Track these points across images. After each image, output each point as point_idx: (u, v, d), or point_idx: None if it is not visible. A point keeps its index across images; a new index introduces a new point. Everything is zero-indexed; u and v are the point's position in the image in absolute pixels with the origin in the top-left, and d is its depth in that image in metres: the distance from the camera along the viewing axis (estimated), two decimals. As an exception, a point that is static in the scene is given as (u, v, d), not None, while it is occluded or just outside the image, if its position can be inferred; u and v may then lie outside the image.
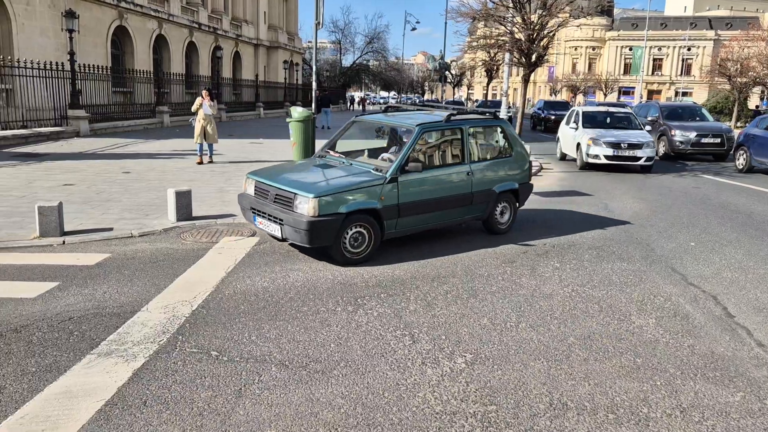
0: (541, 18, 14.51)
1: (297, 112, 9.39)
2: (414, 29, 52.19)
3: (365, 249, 6.56)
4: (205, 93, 13.97)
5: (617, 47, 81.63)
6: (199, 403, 3.70)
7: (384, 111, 8.71)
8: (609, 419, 3.67)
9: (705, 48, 75.18)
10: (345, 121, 9.04)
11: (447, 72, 45.41)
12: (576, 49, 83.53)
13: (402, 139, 7.64)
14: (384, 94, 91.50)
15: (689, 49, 76.05)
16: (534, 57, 14.77)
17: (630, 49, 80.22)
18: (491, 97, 38.88)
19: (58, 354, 4.31)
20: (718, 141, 18.13)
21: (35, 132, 17.82)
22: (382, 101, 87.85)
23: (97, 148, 16.79)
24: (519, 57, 15.00)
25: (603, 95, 70.44)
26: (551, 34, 15.10)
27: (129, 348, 4.42)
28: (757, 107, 47.14)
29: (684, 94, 72.04)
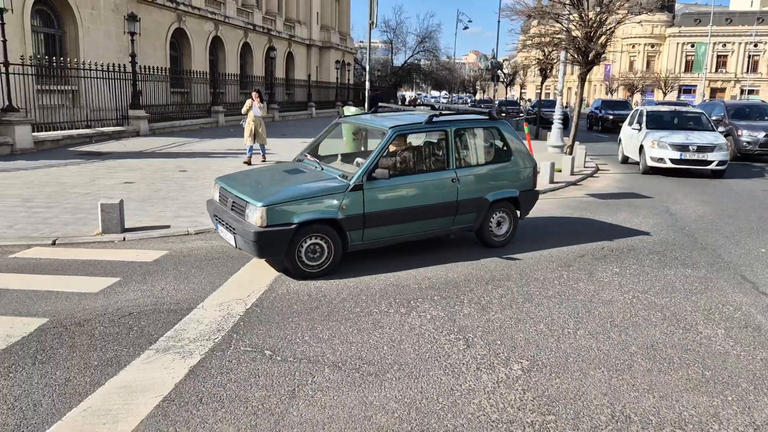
0: (599, 15, 14.10)
1: (349, 111, 9.40)
2: (466, 28, 51.79)
3: (324, 262, 6.00)
4: (255, 95, 14.19)
5: (678, 44, 78.86)
6: (253, 403, 3.72)
7: (373, 111, 8.10)
8: (676, 435, 3.49)
9: (773, 44, 71.77)
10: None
11: (499, 71, 44.84)
12: (634, 47, 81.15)
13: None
14: (435, 93, 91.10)
15: (756, 45, 72.75)
16: (591, 55, 14.34)
17: (692, 46, 77.37)
18: (544, 97, 38.13)
19: (118, 348, 4.41)
20: (789, 142, 17.17)
21: (98, 131, 18.49)
22: (433, 101, 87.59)
23: (156, 147, 17.28)
24: (576, 55, 14.62)
25: (662, 94, 68.15)
26: (610, 31, 14.64)
27: (185, 345, 4.48)
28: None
29: (750, 92, 68.96)
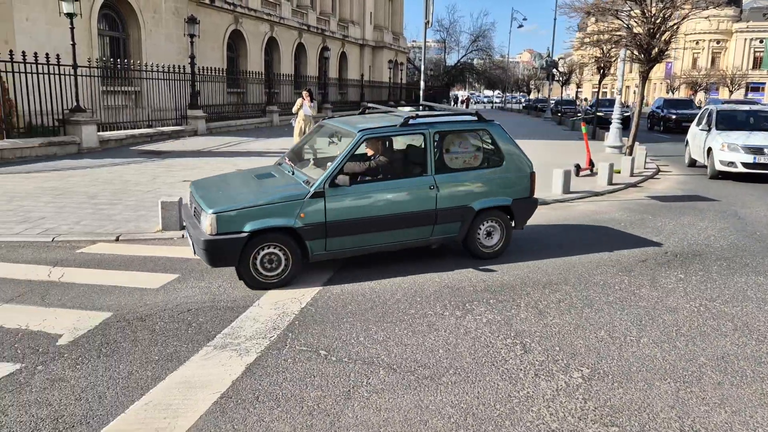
0: (663, 10, 13.57)
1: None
2: (521, 26, 51.05)
3: (282, 272, 5.70)
4: (306, 94, 14.16)
5: (745, 40, 75.35)
6: (309, 402, 3.72)
7: (361, 112, 7.71)
8: (750, 453, 3.30)
9: None
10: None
11: (554, 70, 43.97)
12: (697, 43, 78.04)
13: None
14: (488, 93, 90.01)
15: (831, 40, 68.83)
16: (654, 53, 13.82)
17: (761, 42, 73.83)
18: (602, 96, 37.14)
19: (178, 344, 4.50)
20: None
21: (159, 131, 19.07)
22: (486, 100, 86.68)
23: (212, 146, 17.69)
24: (637, 53, 14.12)
25: (728, 92, 65.33)
26: (674, 27, 14.07)
27: (242, 342, 4.54)
28: None
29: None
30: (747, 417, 3.64)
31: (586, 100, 54.29)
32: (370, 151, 6.47)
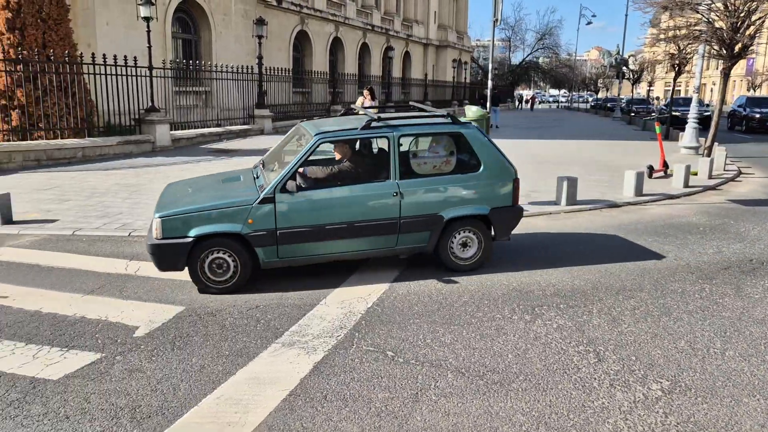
0: (747, 3, 12.82)
1: (471, 111, 9.18)
2: (589, 23, 49.54)
3: (231, 278, 5.56)
4: (367, 92, 13.98)
5: (835, 34, 70.45)
6: (377, 404, 3.69)
7: (343, 114, 7.49)
8: None
9: None
10: (513, 120, 8.60)
11: (624, 68, 42.50)
12: (781, 38, 73.57)
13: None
14: (554, 92, 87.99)
15: None
16: (737, 48, 13.07)
17: None
18: (676, 94, 35.57)
19: (247, 340, 4.57)
20: None
21: (227, 130, 19.59)
22: (551, 99, 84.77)
23: (279, 145, 18.00)
24: (718, 48, 13.40)
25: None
26: (760, 21, 13.26)
27: (309, 341, 4.56)
28: None
29: None
30: None
31: (657, 98, 52.19)
32: (338, 155, 6.21)
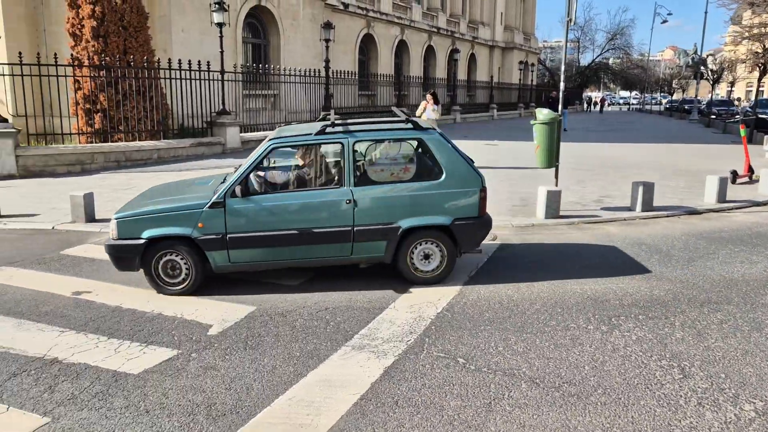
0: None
1: (542, 114, 8.97)
2: (665, 21, 47.52)
3: (184, 281, 5.59)
4: (429, 97, 13.68)
5: None
6: (449, 412, 3.61)
7: (321, 118, 7.10)
8: None
9: None
10: (582, 123, 8.32)
11: (702, 68, 40.62)
12: None
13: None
14: (624, 93, 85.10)
15: None
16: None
17: None
18: (759, 95, 33.67)
19: (317, 342, 4.58)
20: None
21: (294, 132, 19.92)
22: (621, 101, 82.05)
23: (345, 147, 18.14)
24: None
25: None
26: None
27: (379, 345, 4.53)
28: None
29: None
30: None
31: (739, 99, 49.56)
32: (301, 161, 6.12)
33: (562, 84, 9.41)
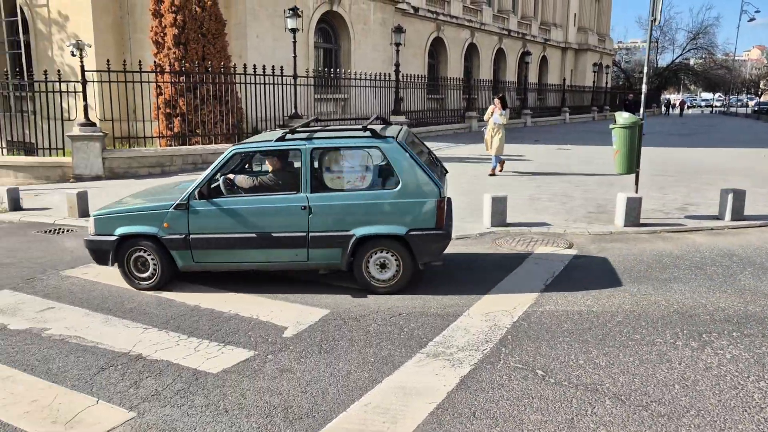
0: None
1: (622, 117, 8.61)
2: (752, 19, 45.03)
3: (152, 277, 5.90)
4: (497, 100, 13.34)
5: None
6: (529, 426, 3.48)
7: (304, 125, 6.90)
8: None
9: None
10: (661, 126, 7.92)
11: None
12: None
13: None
14: (706, 95, 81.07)
15: None
16: None
17: None
18: None
19: (391, 348, 4.54)
20: None
21: (364, 136, 20.08)
22: (703, 104, 78.23)
23: (414, 151, 18.09)
24: None
25: None
26: None
27: (454, 353, 4.44)
28: None
29: None
30: None
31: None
32: (269, 167, 6.17)
33: (644, 86, 9.01)
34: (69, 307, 5.48)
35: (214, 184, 5.87)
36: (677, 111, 55.41)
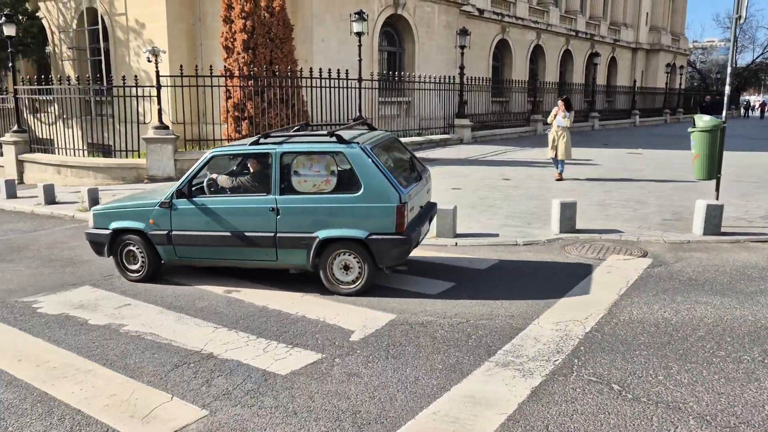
0: None
1: (702, 120, 8.19)
2: (842, 16, 42.03)
3: (140, 269, 6.40)
4: (561, 103, 12.86)
5: None
6: (606, 444, 3.33)
7: (297, 130, 7.10)
8: None
9: None
10: (740, 129, 7.49)
11: None
12: None
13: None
14: (789, 96, 76.57)
15: None
16: None
17: None
18: None
19: (459, 355, 4.46)
20: None
21: (427, 139, 20.02)
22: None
23: (478, 154, 17.91)
24: None
25: None
26: None
27: (524, 363, 4.31)
28: None
29: None
30: None
31: None
32: (252, 169, 6.36)
33: (727, 87, 8.53)
34: (144, 305, 5.67)
35: (198, 184, 6.30)
36: (757, 113, 52.56)
